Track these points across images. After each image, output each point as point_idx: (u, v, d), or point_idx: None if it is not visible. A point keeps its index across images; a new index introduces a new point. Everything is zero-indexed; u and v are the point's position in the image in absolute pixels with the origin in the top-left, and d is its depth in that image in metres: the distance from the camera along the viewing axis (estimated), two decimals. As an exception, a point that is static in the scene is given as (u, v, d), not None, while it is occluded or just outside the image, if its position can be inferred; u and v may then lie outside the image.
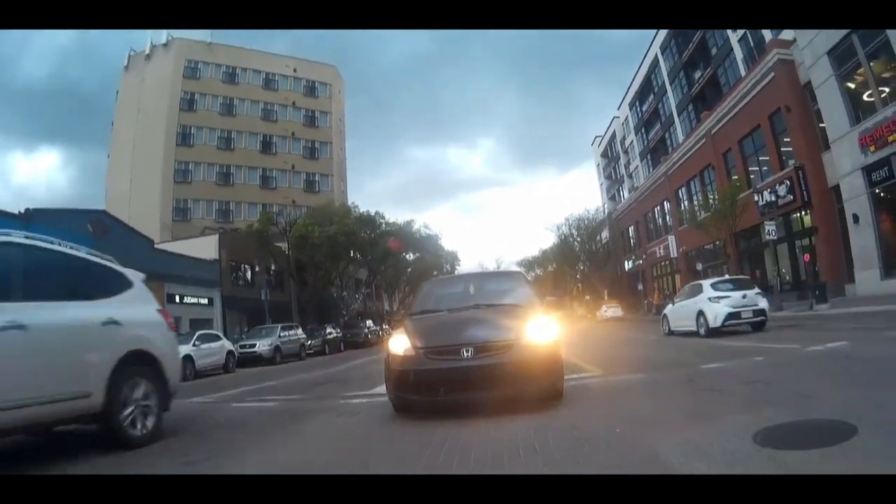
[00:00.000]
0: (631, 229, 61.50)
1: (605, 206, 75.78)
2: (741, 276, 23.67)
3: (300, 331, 33.33)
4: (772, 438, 4.25)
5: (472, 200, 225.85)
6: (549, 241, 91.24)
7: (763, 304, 17.85)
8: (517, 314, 7.44)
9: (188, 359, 21.00)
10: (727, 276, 24.11)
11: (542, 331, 7.06)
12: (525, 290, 8.84)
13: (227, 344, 25.40)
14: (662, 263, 51.67)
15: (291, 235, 45.68)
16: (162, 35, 64.90)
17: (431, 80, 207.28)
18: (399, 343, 7.32)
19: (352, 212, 52.42)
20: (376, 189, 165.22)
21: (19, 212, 27.31)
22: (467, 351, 6.78)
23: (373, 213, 53.45)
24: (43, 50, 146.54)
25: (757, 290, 18.51)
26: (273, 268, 46.21)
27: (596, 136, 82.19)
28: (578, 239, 73.46)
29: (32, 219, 26.70)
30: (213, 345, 23.88)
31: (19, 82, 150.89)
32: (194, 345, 22.37)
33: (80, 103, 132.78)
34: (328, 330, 38.29)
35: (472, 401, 6.73)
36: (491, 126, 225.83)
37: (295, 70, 70.57)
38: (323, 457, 5.56)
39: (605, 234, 71.05)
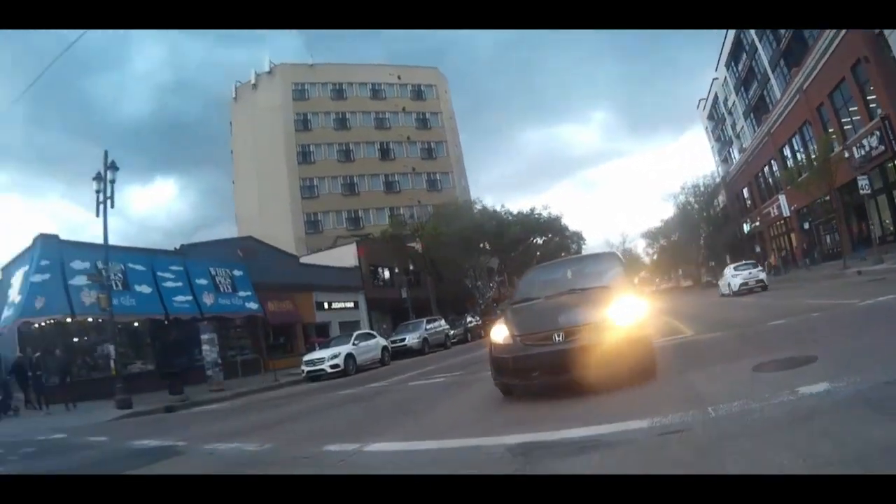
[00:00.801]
0: (745, 191, 59.62)
1: (719, 168, 74.07)
2: (750, 261, 34.87)
3: (443, 322, 35.27)
4: (763, 368, 6.62)
5: (593, 176, 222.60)
6: (669, 210, 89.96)
7: (762, 276, 30.05)
8: (606, 297, 7.71)
9: (350, 357, 23.66)
10: (742, 261, 35.09)
11: (628, 311, 7.31)
12: (617, 272, 9.12)
13: (381, 341, 27.78)
14: (778, 223, 50.25)
15: (423, 235, 48.11)
16: (265, 63, 69.21)
17: (528, 62, 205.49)
18: (499, 332, 7.88)
19: (474, 206, 54.46)
20: (496, 177, 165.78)
21: (175, 248, 30.98)
22: (558, 336, 7.16)
23: (498, 209, 55.22)
24: (143, 89, 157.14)
25: (760, 268, 31.47)
26: (411, 267, 48.63)
27: (700, 99, 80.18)
28: (696, 206, 72.53)
29: (187, 254, 30.37)
30: (369, 342, 26.35)
31: (126, 122, 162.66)
32: (354, 344, 24.81)
33: (185, 132, 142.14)
34: (468, 319, 40.10)
35: (565, 382, 7.09)
36: (598, 98, 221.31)
37: (399, 77, 72.60)
38: (493, 403, 7.97)
39: (721, 198, 69.73)
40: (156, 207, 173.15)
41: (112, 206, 20.57)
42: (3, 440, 13.27)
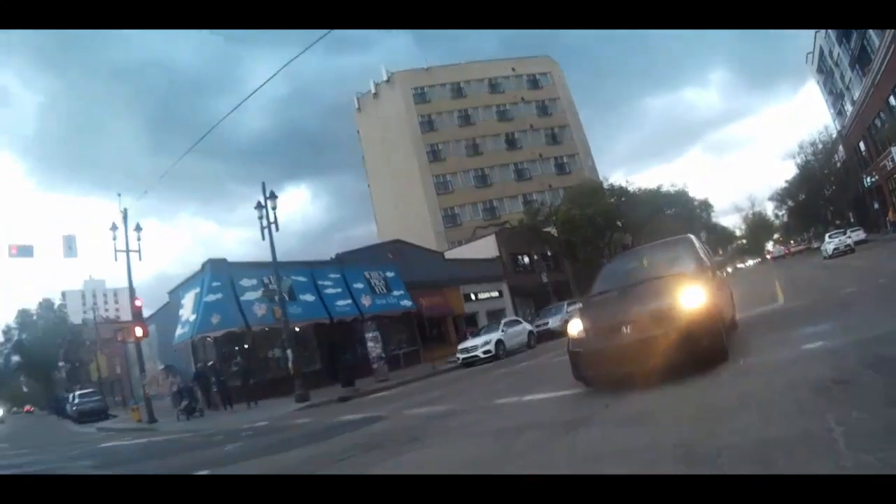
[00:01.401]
0: (861, 144, 55.92)
1: (835, 122, 70.63)
2: (840, 230, 41.56)
3: None
4: (801, 331, 8.42)
5: (718, 138, 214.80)
6: (792, 170, 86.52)
7: (849, 241, 36.77)
8: (674, 286, 7.74)
9: (500, 343, 25.35)
10: (834, 231, 42.50)
11: (694, 299, 7.31)
12: (689, 259, 9.10)
13: (527, 326, 29.23)
14: (894, 176, 47.06)
15: (556, 221, 49.68)
16: (382, 73, 72.45)
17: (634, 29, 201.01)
18: (574, 326, 8.13)
19: (603, 187, 55.38)
20: (622, 149, 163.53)
21: (331, 258, 34.18)
22: (626, 328, 7.36)
23: (625, 185, 55.96)
24: (262, 103, 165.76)
25: (848, 235, 37.73)
26: (548, 252, 50.21)
27: (807, 53, 76.65)
28: (816, 164, 69.43)
29: (343, 261, 33.49)
30: (516, 328, 27.84)
31: (250, 137, 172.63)
32: (502, 331, 26.43)
33: (309, 140, 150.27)
34: (606, 299, 40.61)
35: (634, 373, 7.28)
36: (713, 57, 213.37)
37: (513, 69, 73.57)
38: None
39: (841, 154, 66.39)
40: (290, 213, 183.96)
41: (277, 230, 23.04)
42: (216, 431, 16.24)
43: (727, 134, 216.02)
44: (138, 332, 24.56)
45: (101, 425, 31.67)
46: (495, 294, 44.17)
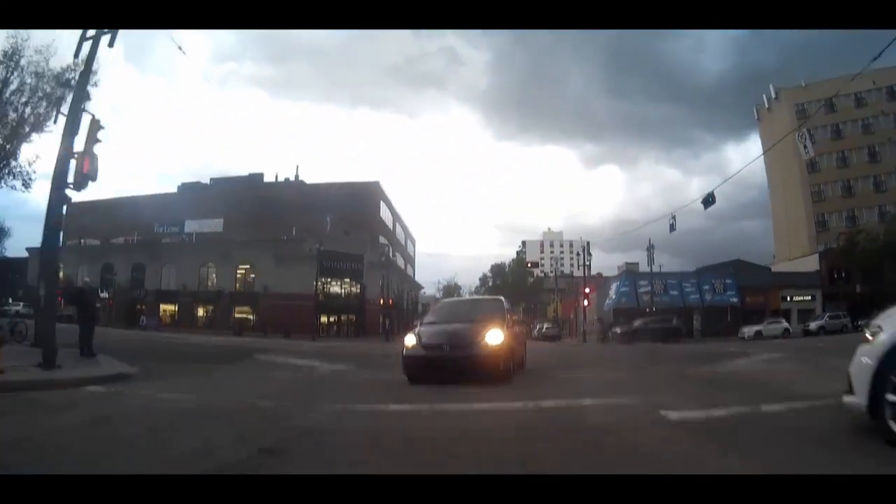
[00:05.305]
0: None
1: None
2: None
3: (842, 316, 48.87)
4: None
5: None
6: None
7: None
8: (482, 327, 11.12)
9: (758, 332, 44.98)
10: None
11: (492, 338, 10.75)
12: (497, 312, 12.64)
13: (784, 324, 47.32)
14: None
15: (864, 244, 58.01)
16: (770, 90, 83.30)
17: None
18: (409, 340, 11.59)
19: None
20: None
21: (692, 271, 59.22)
22: (445, 347, 10.78)
23: None
24: (720, 42, 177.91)
25: None
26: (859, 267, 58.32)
27: None
28: None
29: (700, 273, 58.16)
30: (776, 325, 46.87)
31: (711, 81, 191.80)
32: (765, 324, 46.46)
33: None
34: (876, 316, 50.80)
35: (447, 377, 10.31)
36: None
37: (874, 82, 71.29)
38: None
39: None
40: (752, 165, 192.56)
41: (656, 265, 47.61)
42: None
43: None
44: (585, 302, 51.86)
45: (562, 342, 52.63)
46: (808, 298, 59.06)
